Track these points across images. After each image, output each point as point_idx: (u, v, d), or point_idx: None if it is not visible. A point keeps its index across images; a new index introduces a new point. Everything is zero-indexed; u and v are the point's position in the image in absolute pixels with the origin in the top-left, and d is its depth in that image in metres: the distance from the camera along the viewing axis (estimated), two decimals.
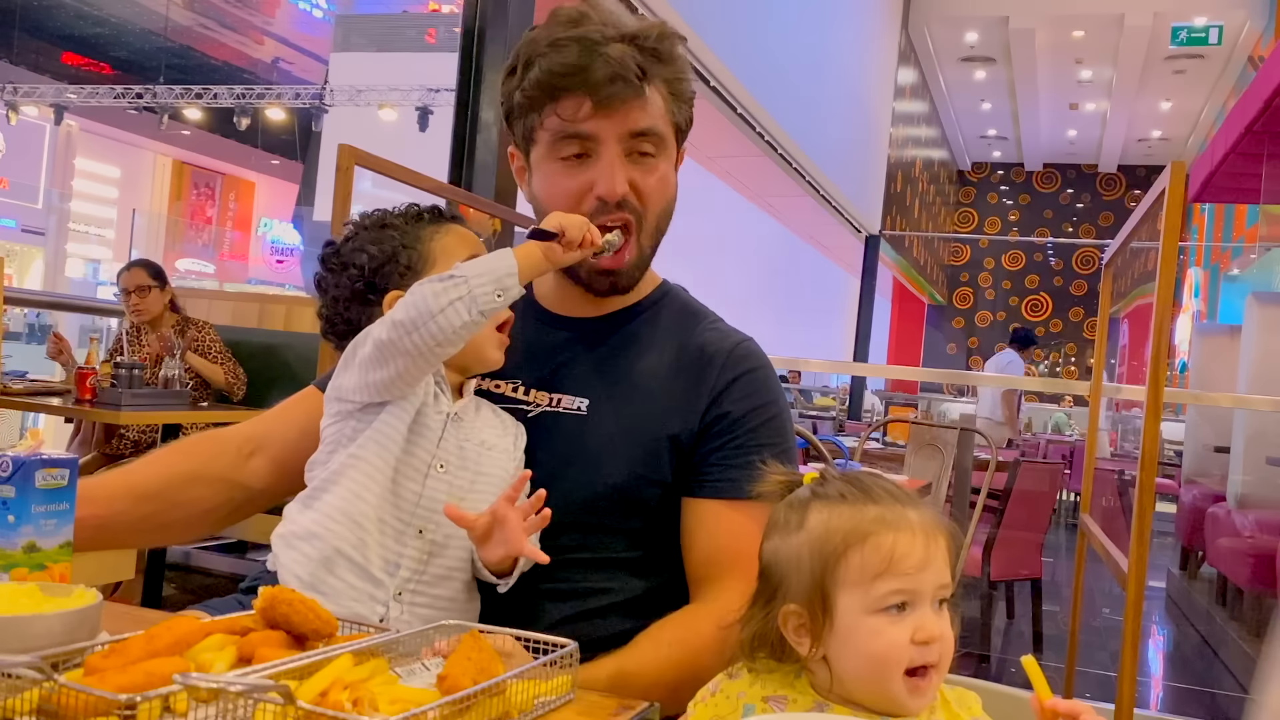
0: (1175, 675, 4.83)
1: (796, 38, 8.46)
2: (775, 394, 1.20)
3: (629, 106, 1.12)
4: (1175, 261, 1.95)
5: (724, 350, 1.19)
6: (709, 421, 1.15)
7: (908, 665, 0.84)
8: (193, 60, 20.01)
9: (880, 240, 12.41)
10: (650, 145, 1.15)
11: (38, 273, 19.37)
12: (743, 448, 1.14)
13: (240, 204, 24.57)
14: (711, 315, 1.27)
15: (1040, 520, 4.49)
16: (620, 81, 1.10)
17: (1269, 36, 10.71)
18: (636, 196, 1.15)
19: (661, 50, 1.14)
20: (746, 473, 1.12)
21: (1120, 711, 2.01)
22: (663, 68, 1.15)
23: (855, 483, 0.91)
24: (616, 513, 1.14)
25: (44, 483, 0.94)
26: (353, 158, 2.47)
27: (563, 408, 1.17)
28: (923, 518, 0.88)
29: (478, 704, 0.74)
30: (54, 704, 0.67)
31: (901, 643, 0.84)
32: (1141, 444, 2.04)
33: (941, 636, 0.85)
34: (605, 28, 1.12)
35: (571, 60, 1.09)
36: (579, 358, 1.20)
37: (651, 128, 1.14)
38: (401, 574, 1.05)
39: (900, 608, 0.85)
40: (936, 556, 0.86)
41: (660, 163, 1.17)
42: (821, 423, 8.83)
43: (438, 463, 1.08)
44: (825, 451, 2.96)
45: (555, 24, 1.13)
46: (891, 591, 0.85)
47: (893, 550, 0.85)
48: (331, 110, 17.75)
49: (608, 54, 1.09)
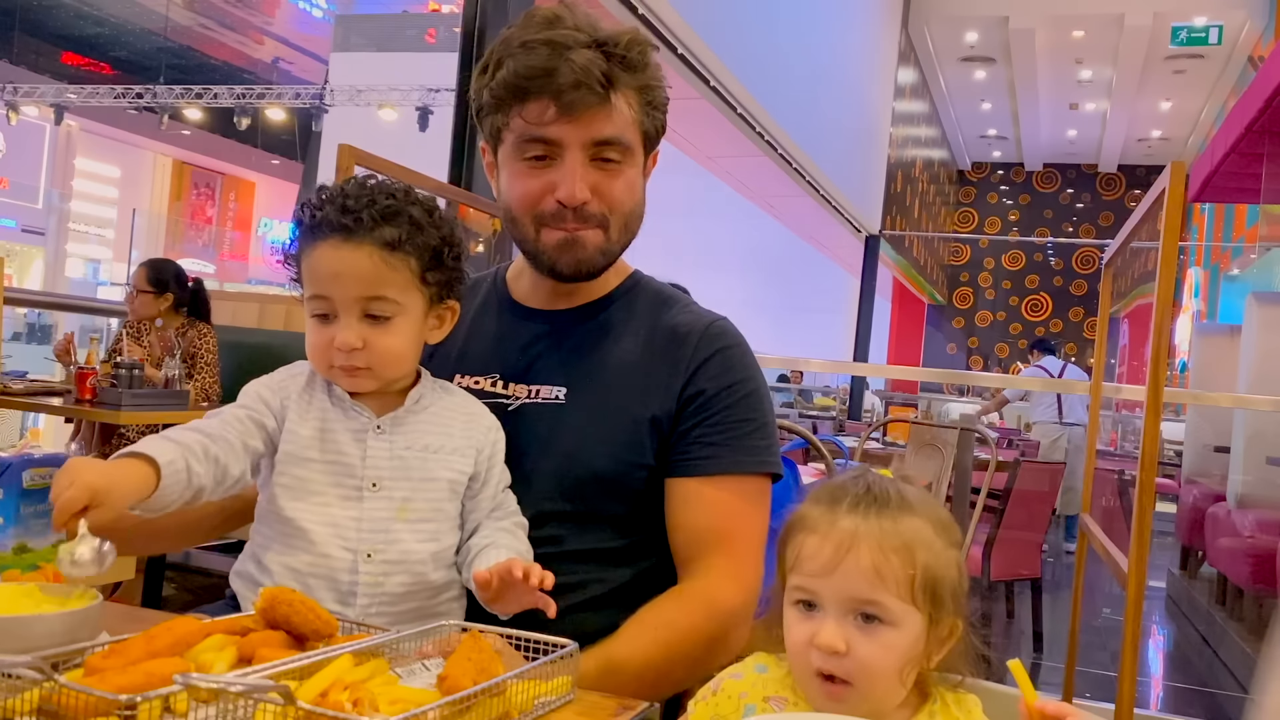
0: (1175, 675, 4.82)
1: (796, 37, 8.45)
2: (750, 370, 1.20)
3: (593, 114, 1.11)
4: (1175, 261, 1.95)
5: (697, 330, 1.20)
6: (685, 400, 1.16)
7: (815, 668, 0.83)
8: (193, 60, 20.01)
9: (880, 240, 12.41)
10: (614, 153, 1.14)
11: (38, 273, 19.36)
12: (719, 424, 1.15)
13: (240, 204, 24.56)
14: (684, 299, 1.28)
15: (1040, 520, 4.49)
16: (584, 88, 1.08)
17: (1269, 36, 10.70)
18: (601, 200, 1.15)
19: (631, 58, 1.13)
20: (725, 448, 1.14)
21: (1120, 711, 2.01)
22: (631, 75, 1.13)
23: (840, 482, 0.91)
24: (602, 499, 1.14)
25: (32, 483, 0.93)
26: (353, 158, 2.47)
27: (541, 398, 1.18)
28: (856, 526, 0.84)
29: (478, 704, 0.74)
30: (54, 704, 0.67)
31: (803, 640, 0.84)
32: (1141, 444, 2.04)
33: (849, 652, 0.82)
34: (577, 32, 1.10)
35: (538, 64, 1.09)
36: (553, 348, 1.21)
37: (615, 136, 1.13)
38: (360, 602, 1.02)
39: (808, 606, 0.85)
40: (850, 568, 0.83)
41: (625, 169, 1.16)
42: (821, 423, 8.83)
43: (368, 481, 1.04)
44: (825, 451, 2.95)
45: (529, 24, 1.12)
46: (795, 587, 0.87)
47: (801, 548, 0.87)
48: (331, 110, 17.75)
49: (574, 60, 1.08)
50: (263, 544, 1.06)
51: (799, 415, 9.24)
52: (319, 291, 1.04)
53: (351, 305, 1.03)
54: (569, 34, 1.10)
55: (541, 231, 1.16)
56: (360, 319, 1.03)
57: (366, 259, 1.02)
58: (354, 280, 1.02)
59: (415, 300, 1.06)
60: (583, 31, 1.11)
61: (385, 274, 1.03)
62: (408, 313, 1.05)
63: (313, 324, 1.06)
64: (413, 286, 1.05)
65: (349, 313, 1.03)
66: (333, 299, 1.03)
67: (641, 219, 1.22)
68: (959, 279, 19.94)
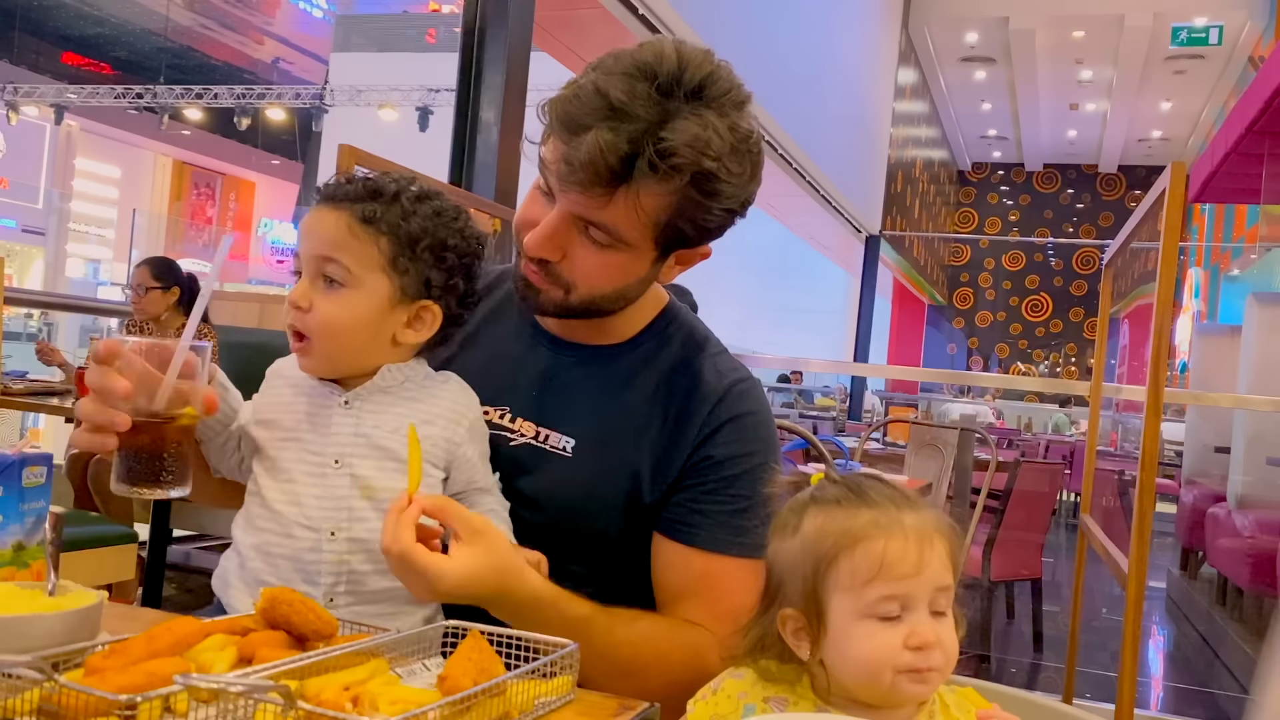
0: (1175, 675, 4.83)
1: (796, 38, 8.46)
2: (762, 443, 1.14)
3: (587, 195, 1.00)
4: (1175, 262, 1.95)
5: (718, 391, 1.14)
6: (690, 465, 1.12)
7: (908, 668, 0.83)
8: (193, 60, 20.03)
9: (880, 240, 12.42)
10: (600, 236, 1.04)
11: (38, 273, 19.38)
12: (715, 494, 1.11)
13: (240, 204, 24.59)
14: (715, 344, 1.21)
15: (1040, 520, 4.50)
16: (587, 170, 0.98)
17: (1269, 36, 10.71)
18: (571, 268, 1.06)
19: (679, 164, 0.98)
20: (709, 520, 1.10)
21: (1120, 712, 2.01)
22: (659, 183, 0.99)
23: (852, 486, 0.90)
24: (595, 556, 1.12)
25: (29, 481, 0.94)
26: (353, 158, 2.47)
27: (549, 445, 1.13)
28: (920, 521, 0.87)
29: (478, 704, 0.74)
30: (54, 704, 0.67)
31: (894, 647, 0.83)
32: (1142, 444, 2.04)
33: (939, 642, 0.84)
34: (638, 102, 0.97)
35: (575, 114, 0.99)
36: (573, 388, 1.15)
37: (602, 224, 1.02)
38: (324, 580, 1.01)
39: (895, 613, 0.84)
40: (932, 560, 0.85)
41: (614, 254, 1.05)
42: (821, 423, 8.83)
43: (330, 458, 1.02)
44: (825, 452, 2.95)
45: (617, 63, 1.00)
46: (883, 597, 0.84)
47: (884, 555, 0.85)
48: (331, 110, 17.77)
49: (601, 134, 0.97)
50: (240, 523, 1.06)
51: (799, 415, 9.24)
52: (298, 250, 1.06)
53: (310, 263, 1.03)
54: (625, 100, 0.97)
55: (521, 256, 1.11)
56: (314, 279, 1.02)
57: (333, 222, 1.02)
58: (316, 238, 1.02)
59: (377, 281, 1.03)
60: (645, 103, 0.97)
61: (346, 240, 1.01)
62: (363, 288, 1.02)
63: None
64: (376, 266, 1.02)
65: (308, 272, 1.03)
66: (301, 258, 1.04)
67: (628, 303, 1.12)
68: (959, 279, 19.96)
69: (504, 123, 3.77)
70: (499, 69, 3.79)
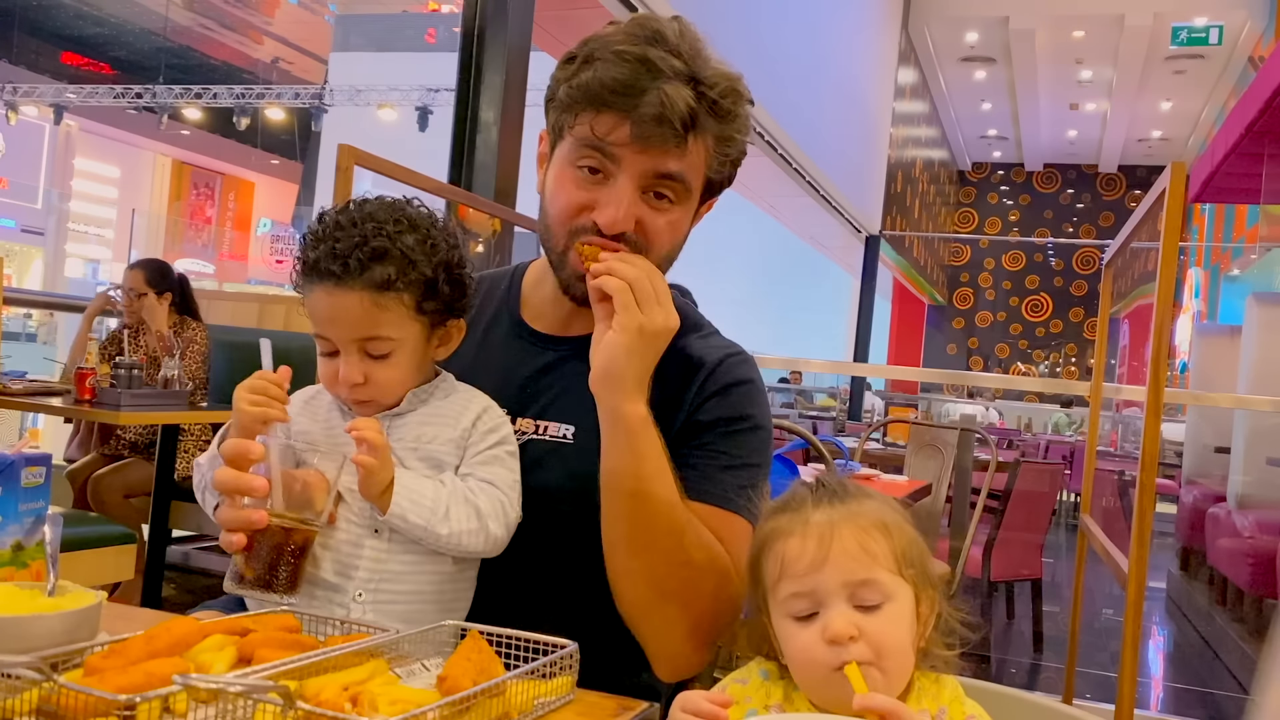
0: (1175, 675, 4.83)
1: (796, 37, 8.46)
2: (754, 410, 1.16)
3: (665, 149, 1.05)
4: (1175, 262, 1.95)
5: (711, 362, 1.16)
6: (686, 426, 1.13)
7: (834, 665, 0.83)
8: (193, 60, 20.02)
9: (880, 240, 12.42)
10: (670, 190, 1.09)
11: (37, 273, 19.38)
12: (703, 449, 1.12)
13: (240, 204, 24.58)
14: (708, 327, 1.24)
15: (1040, 521, 4.49)
16: (665, 124, 1.03)
17: (1269, 36, 10.71)
18: (641, 233, 1.09)
19: (723, 105, 1.07)
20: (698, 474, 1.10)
21: (1120, 712, 2.01)
22: (717, 123, 1.08)
23: (792, 490, 0.92)
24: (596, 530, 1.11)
25: (27, 481, 0.94)
26: (352, 158, 2.47)
27: (549, 435, 1.16)
28: (829, 516, 0.87)
29: (478, 704, 0.74)
30: (54, 704, 0.67)
31: (813, 644, 0.84)
32: (1142, 444, 2.04)
33: (862, 635, 0.83)
34: (675, 59, 1.04)
35: (626, 79, 1.03)
36: (567, 380, 1.17)
37: (679, 174, 1.07)
38: (360, 575, 1.04)
39: (806, 610, 0.85)
40: (838, 554, 0.85)
41: (676, 208, 1.10)
42: (821, 423, 8.82)
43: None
44: (825, 452, 2.95)
45: (631, 32, 1.06)
46: (791, 595, 0.86)
47: (783, 555, 0.87)
48: (331, 110, 17.78)
49: (665, 90, 1.03)
50: None
51: (799, 415, 9.23)
52: (319, 331, 1.08)
53: (350, 344, 1.06)
54: (667, 59, 1.04)
55: (571, 247, 1.10)
56: (360, 356, 1.06)
57: (358, 304, 1.04)
58: (348, 324, 1.05)
59: (413, 331, 1.08)
60: (682, 60, 1.05)
61: (377, 315, 1.04)
62: (406, 345, 1.07)
63: (320, 358, 1.10)
64: (408, 320, 1.06)
65: (349, 351, 1.06)
66: (332, 339, 1.07)
67: (674, 260, 1.15)
68: (959, 279, 19.95)
69: (503, 123, 3.77)
70: (499, 69, 3.79)
